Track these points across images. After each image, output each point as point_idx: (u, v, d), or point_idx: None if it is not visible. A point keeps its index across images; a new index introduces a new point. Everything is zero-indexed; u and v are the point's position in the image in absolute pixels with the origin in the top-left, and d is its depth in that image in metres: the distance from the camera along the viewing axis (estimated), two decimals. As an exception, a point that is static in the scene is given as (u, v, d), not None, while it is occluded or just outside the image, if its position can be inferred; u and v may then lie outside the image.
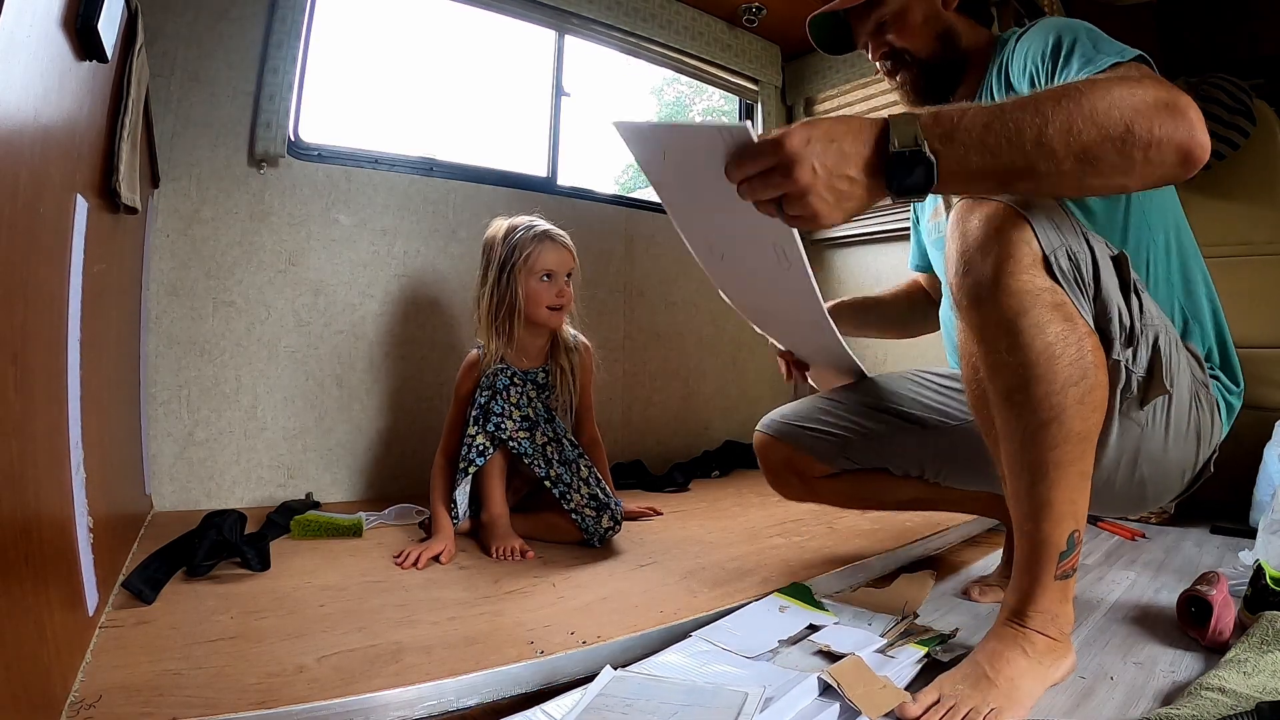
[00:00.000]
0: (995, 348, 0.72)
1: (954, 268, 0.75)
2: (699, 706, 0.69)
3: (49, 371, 0.65)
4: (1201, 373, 0.88)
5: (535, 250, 1.41)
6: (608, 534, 1.31)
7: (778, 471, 1.19)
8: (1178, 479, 0.90)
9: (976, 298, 0.72)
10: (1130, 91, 0.64)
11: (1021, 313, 0.69)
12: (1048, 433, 0.70)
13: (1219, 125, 1.79)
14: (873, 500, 1.22)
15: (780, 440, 1.16)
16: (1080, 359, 0.71)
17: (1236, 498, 1.70)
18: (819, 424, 1.13)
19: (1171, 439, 0.84)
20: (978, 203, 0.74)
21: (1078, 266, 0.73)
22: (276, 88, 1.58)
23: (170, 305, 1.51)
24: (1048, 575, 0.73)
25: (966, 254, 0.73)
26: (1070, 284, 0.72)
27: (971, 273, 0.72)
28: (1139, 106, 0.63)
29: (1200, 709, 0.67)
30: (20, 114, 0.53)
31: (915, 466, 1.12)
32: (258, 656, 0.77)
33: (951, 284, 0.76)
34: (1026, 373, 0.70)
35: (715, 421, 2.50)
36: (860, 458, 1.13)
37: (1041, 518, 0.72)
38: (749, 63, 2.57)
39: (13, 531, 0.52)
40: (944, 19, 0.98)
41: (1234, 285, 1.82)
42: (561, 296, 1.44)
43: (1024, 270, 0.70)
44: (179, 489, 1.51)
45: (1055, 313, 0.70)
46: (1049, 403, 0.70)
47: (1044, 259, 0.71)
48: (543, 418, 1.37)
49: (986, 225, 0.71)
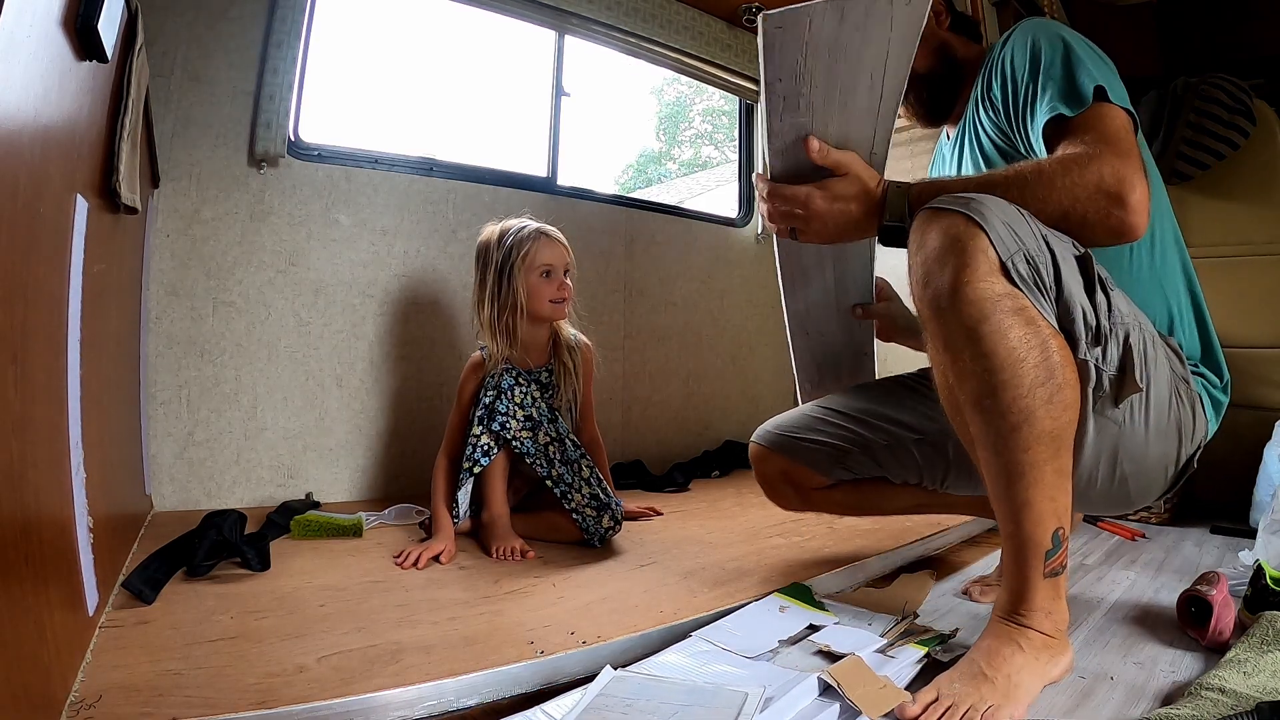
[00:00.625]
0: (960, 356, 0.73)
1: (916, 279, 0.76)
2: (699, 706, 0.69)
3: (49, 371, 0.65)
4: (1182, 367, 0.89)
5: (532, 247, 1.42)
6: (608, 534, 1.31)
7: (774, 483, 1.19)
8: (1161, 476, 0.90)
9: (937, 308, 0.74)
10: (1074, 181, 0.78)
11: (982, 319, 0.71)
12: (1019, 435, 0.71)
13: (1219, 125, 1.80)
14: (870, 509, 1.22)
15: (776, 452, 1.16)
16: (1046, 360, 0.72)
17: (1236, 498, 1.70)
18: (816, 435, 1.13)
19: (1152, 435, 0.85)
20: (935, 214, 0.75)
21: (1036, 270, 0.74)
22: (276, 88, 1.58)
23: (170, 305, 1.51)
24: (1036, 574, 0.74)
25: (925, 265, 0.75)
26: (1030, 287, 0.73)
27: (931, 284, 0.74)
28: (1079, 196, 0.77)
29: (1200, 709, 0.67)
30: (20, 114, 0.53)
31: (914, 474, 1.12)
32: (258, 656, 0.77)
33: (914, 296, 0.78)
34: (993, 378, 0.71)
35: (715, 421, 2.50)
36: (859, 468, 1.13)
37: (1022, 518, 0.73)
38: (749, 63, 2.57)
39: (13, 531, 0.52)
40: (939, 35, 1.06)
41: (1234, 285, 1.82)
42: (563, 290, 1.45)
43: (981, 278, 0.71)
44: (179, 489, 1.51)
45: (1016, 317, 0.71)
46: (1018, 406, 0.71)
47: (1001, 265, 0.72)
48: (546, 418, 1.37)
49: (943, 236, 0.73)
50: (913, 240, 0.78)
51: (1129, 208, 0.76)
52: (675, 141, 14.37)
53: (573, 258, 1.49)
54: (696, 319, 2.46)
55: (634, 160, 14.43)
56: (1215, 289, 1.82)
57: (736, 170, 2.78)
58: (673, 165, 14.12)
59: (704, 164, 13.25)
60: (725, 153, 12.51)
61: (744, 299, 2.60)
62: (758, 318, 2.64)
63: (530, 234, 1.43)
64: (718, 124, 13.23)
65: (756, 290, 2.63)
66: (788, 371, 2.96)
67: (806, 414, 1.17)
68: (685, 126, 14.21)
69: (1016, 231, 0.74)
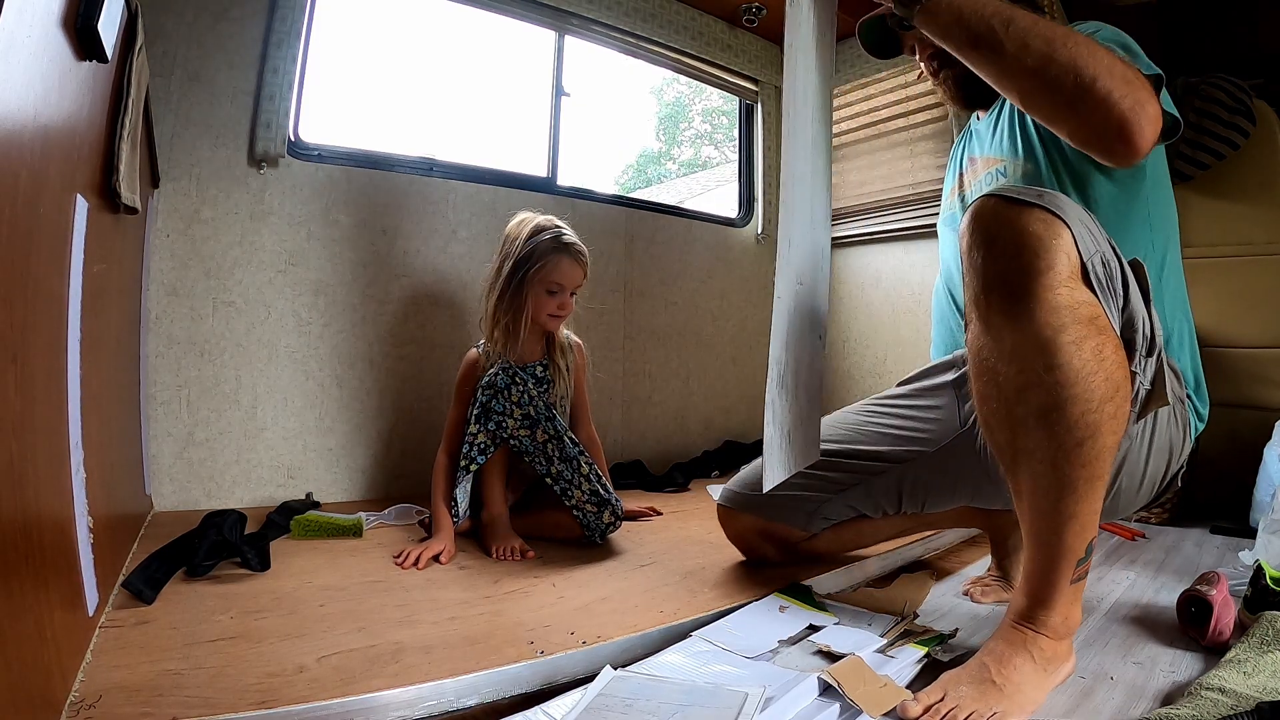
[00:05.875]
0: (1030, 367, 0.68)
1: (980, 279, 0.70)
2: (699, 706, 0.69)
3: (49, 371, 0.65)
4: (1180, 388, 0.88)
5: (551, 262, 1.41)
6: (608, 529, 1.31)
7: (750, 542, 1.16)
8: (1148, 491, 0.90)
9: (1012, 315, 0.67)
10: (1114, 61, 0.72)
11: (1061, 329, 0.66)
12: (1082, 450, 0.68)
13: (1219, 125, 1.79)
14: (854, 546, 1.21)
15: (747, 512, 1.13)
16: (1113, 374, 0.68)
17: (1236, 498, 1.70)
18: (787, 489, 1.06)
19: (1152, 452, 0.84)
20: (1007, 204, 0.69)
21: (1110, 274, 0.70)
22: (276, 88, 1.59)
23: (170, 305, 1.51)
24: (1064, 580, 0.73)
25: (998, 263, 0.68)
26: (1104, 293, 0.69)
27: (1005, 286, 0.67)
28: (1113, 70, 0.71)
29: (1200, 709, 0.67)
30: (20, 114, 0.53)
31: (893, 504, 1.08)
32: (258, 656, 0.77)
33: (976, 297, 0.71)
34: (1064, 393, 0.67)
35: (715, 421, 2.50)
36: (838, 513, 1.11)
37: (1066, 530, 0.71)
38: (749, 63, 2.57)
39: (13, 531, 0.52)
40: None
41: (1234, 285, 1.82)
42: (563, 309, 1.44)
43: (1062, 283, 0.66)
44: (179, 489, 1.51)
45: (1091, 327, 0.67)
46: (1085, 421, 0.67)
47: (1082, 267, 0.68)
48: (543, 415, 1.37)
49: (1021, 231, 0.67)
50: (974, 229, 0.71)
51: (1144, 110, 0.71)
52: (675, 141, 14.37)
53: (587, 278, 1.48)
54: (696, 319, 2.46)
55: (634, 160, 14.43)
56: (1215, 289, 1.85)
57: (736, 170, 2.78)
58: (672, 165, 14.12)
59: (704, 164, 13.25)
60: (725, 153, 12.51)
61: (744, 299, 2.60)
62: (757, 318, 2.64)
63: (555, 247, 1.41)
64: (718, 124, 13.23)
65: (756, 290, 2.63)
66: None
67: None
68: (685, 126, 14.22)
69: (1091, 230, 0.70)
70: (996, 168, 1.01)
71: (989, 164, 1.03)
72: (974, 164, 1.08)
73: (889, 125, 2.44)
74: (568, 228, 1.47)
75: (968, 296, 0.74)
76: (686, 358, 2.43)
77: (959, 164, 1.14)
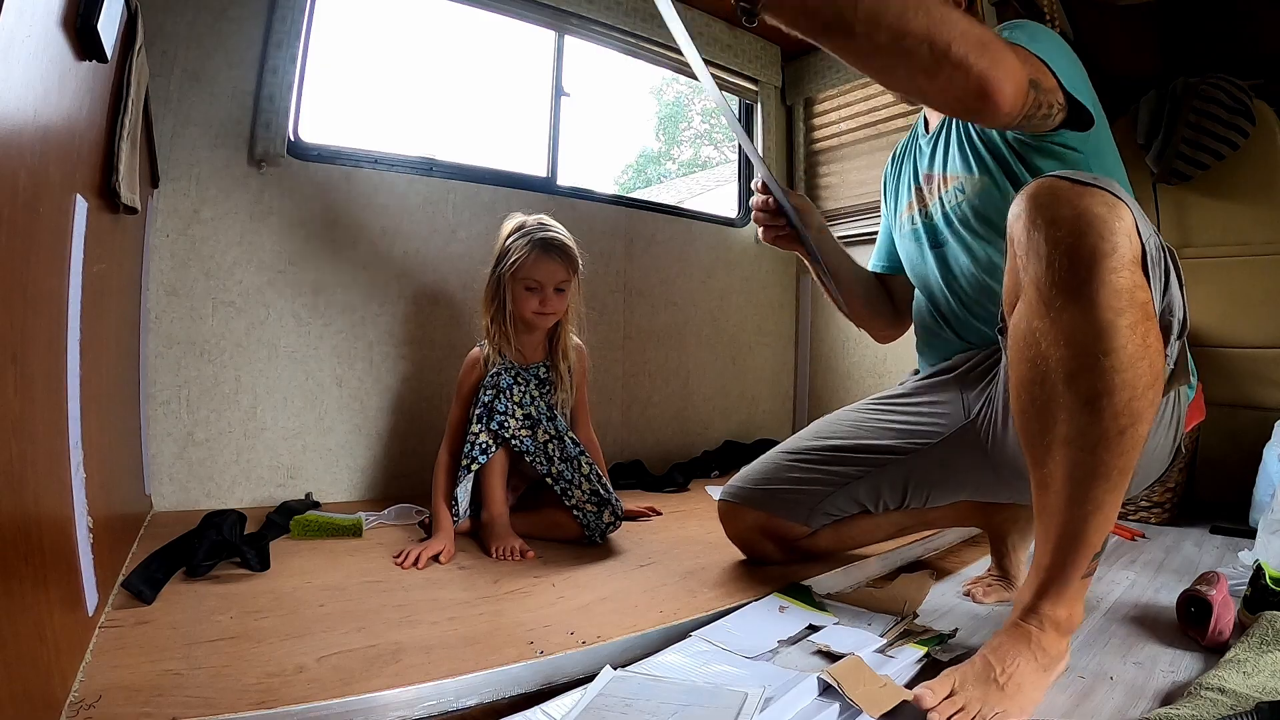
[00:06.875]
0: (1087, 350, 0.67)
1: (1040, 260, 0.69)
2: (699, 706, 0.69)
3: (49, 372, 0.65)
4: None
5: (524, 259, 1.39)
6: (609, 529, 1.31)
7: (751, 540, 1.16)
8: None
9: (1076, 295, 0.66)
10: (970, 25, 0.70)
11: (1121, 313, 0.66)
12: (1124, 438, 0.67)
13: (1219, 125, 1.80)
14: (855, 544, 1.20)
15: (750, 507, 1.12)
16: (1155, 362, 0.68)
17: (1236, 498, 1.70)
18: (791, 484, 1.09)
19: (1162, 431, 0.84)
20: (1068, 186, 0.68)
21: (1157, 260, 0.70)
22: (276, 88, 1.59)
23: (170, 305, 1.51)
24: (1078, 573, 0.73)
25: (1061, 244, 0.67)
26: (1155, 278, 0.69)
27: (1071, 267, 0.66)
28: (968, 35, 0.69)
29: (1200, 709, 0.67)
30: (20, 114, 0.53)
31: (896, 499, 1.08)
32: (258, 656, 0.77)
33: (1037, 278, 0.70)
34: (1115, 378, 0.66)
35: (715, 421, 2.50)
36: (840, 508, 1.10)
37: (1091, 519, 0.70)
38: (749, 63, 2.57)
39: (13, 531, 0.52)
40: None
41: (1234, 285, 1.83)
42: (545, 306, 1.41)
43: (1126, 266, 0.66)
44: (179, 489, 1.51)
45: (1142, 311, 0.67)
46: (1132, 408, 0.67)
47: (1142, 251, 0.67)
48: (544, 415, 1.38)
49: (1085, 212, 0.66)
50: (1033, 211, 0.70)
51: (1002, 68, 0.71)
52: (675, 141, 14.38)
53: (575, 275, 1.44)
54: (696, 319, 2.46)
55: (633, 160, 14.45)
56: (1215, 289, 1.85)
57: (736, 170, 2.78)
58: (672, 165, 14.13)
59: (703, 164, 13.26)
60: (725, 153, 12.51)
61: (744, 299, 2.60)
62: (757, 318, 2.64)
63: (530, 244, 1.40)
64: (717, 124, 13.23)
65: (756, 290, 2.63)
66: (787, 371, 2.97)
67: (776, 463, 1.13)
68: (685, 126, 14.23)
69: (1143, 214, 0.69)
70: (954, 185, 1.00)
71: (948, 181, 1.02)
72: (930, 180, 1.07)
73: (889, 125, 2.44)
74: (555, 226, 1.46)
75: (1026, 279, 0.72)
76: (686, 358, 2.43)
77: (911, 179, 1.12)
